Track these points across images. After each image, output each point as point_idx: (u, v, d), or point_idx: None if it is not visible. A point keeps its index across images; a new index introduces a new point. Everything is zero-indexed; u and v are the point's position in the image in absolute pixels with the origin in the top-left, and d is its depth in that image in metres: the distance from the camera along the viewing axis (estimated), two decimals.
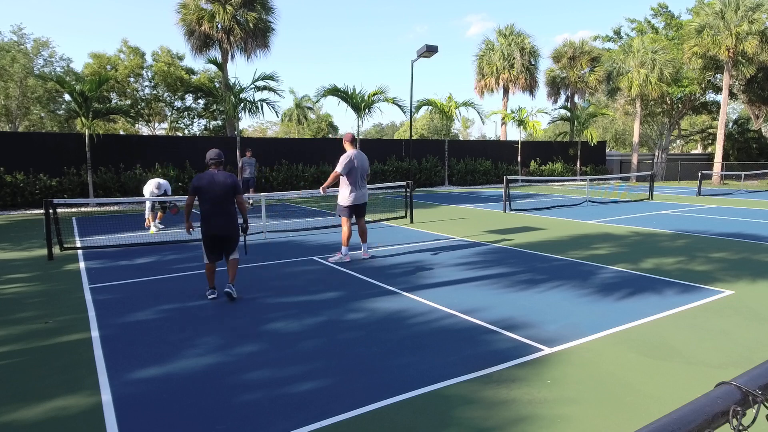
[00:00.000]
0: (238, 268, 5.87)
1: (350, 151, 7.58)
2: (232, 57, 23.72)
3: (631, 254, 8.04)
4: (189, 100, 32.59)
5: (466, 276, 6.72)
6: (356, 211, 7.71)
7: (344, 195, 7.59)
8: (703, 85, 30.94)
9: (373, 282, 6.44)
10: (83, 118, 16.59)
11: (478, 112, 25.74)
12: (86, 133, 16.55)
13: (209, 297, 5.74)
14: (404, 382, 3.61)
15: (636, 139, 30.59)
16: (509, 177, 14.34)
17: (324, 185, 7.78)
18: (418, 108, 24.37)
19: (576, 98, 34.71)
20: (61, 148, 16.99)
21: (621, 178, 28.92)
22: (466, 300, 5.58)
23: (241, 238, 5.91)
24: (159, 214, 11.15)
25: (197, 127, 34.19)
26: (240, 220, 5.82)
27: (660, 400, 3.32)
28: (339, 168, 7.47)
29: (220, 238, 5.64)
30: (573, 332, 4.55)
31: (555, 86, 35.17)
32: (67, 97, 24.95)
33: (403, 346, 4.28)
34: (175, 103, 32.24)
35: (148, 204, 10.86)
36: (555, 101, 36.16)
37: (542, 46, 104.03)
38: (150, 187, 10.61)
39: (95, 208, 15.90)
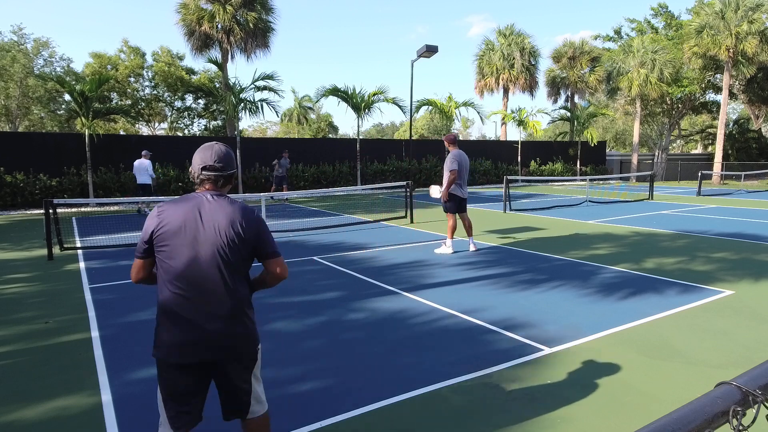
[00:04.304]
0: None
1: (455, 150, 8.16)
2: (232, 57, 23.75)
3: (631, 254, 8.04)
4: (189, 100, 32.61)
5: (466, 276, 6.72)
6: (461, 206, 8.32)
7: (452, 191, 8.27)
8: (703, 85, 30.95)
9: (373, 282, 6.44)
10: (83, 118, 16.59)
11: (478, 112, 25.75)
12: (86, 133, 16.54)
13: None
14: (404, 382, 3.61)
15: (636, 139, 30.59)
16: (509, 177, 14.33)
17: (444, 190, 8.13)
18: (418, 108, 24.34)
19: (576, 98, 34.72)
20: (61, 148, 16.99)
21: (621, 178, 28.91)
22: (466, 300, 5.58)
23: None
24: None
25: (197, 127, 34.21)
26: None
27: (660, 400, 3.32)
28: (451, 166, 8.03)
29: (206, 366, 2.26)
30: (573, 332, 4.55)
31: (555, 86, 35.20)
32: (67, 97, 24.94)
33: (404, 346, 4.29)
34: (175, 103, 32.24)
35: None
36: (555, 101, 36.22)
37: (542, 46, 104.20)
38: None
39: (95, 208, 15.90)
